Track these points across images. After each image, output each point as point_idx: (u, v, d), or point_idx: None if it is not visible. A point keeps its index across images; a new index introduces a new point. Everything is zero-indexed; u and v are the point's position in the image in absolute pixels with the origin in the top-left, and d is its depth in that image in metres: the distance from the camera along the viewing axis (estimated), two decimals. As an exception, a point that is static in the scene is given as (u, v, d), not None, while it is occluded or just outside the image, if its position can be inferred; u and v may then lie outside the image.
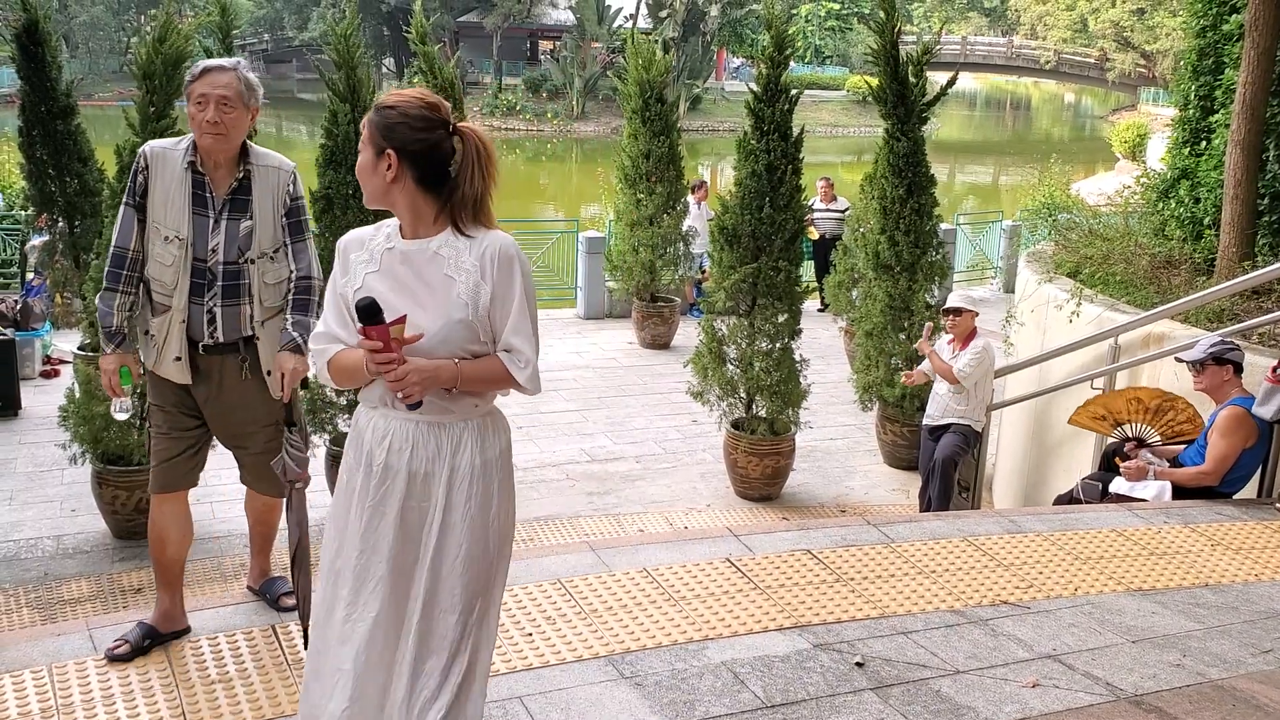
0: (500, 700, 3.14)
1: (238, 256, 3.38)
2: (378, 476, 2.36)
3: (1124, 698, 3.33)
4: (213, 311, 3.39)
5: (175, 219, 3.34)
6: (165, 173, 3.34)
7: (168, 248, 3.35)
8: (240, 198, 3.38)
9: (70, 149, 8.99)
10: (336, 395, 6.72)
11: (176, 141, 3.40)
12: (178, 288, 3.37)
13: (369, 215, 6.61)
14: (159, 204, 3.34)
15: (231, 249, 3.38)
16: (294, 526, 3.37)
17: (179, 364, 3.41)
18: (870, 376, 8.13)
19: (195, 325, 3.39)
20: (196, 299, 3.38)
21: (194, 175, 3.35)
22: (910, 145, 7.85)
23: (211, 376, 3.46)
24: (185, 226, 3.33)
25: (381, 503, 2.37)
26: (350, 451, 2.44)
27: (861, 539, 4.49)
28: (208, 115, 3.25)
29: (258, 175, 3.41)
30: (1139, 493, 5.27)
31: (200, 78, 3.29)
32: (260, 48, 64.54)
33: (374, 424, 2.40)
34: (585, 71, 45.67)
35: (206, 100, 3.26)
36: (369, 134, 2.35)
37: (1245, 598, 4.14)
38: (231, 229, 3.37)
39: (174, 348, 3.40)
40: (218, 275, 3.37)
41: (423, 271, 2.36)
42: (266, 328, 3.45)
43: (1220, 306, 6.14)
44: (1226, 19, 7.21)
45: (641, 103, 11.30)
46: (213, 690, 3.15)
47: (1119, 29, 49.14)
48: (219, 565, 6.24)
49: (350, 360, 2.36)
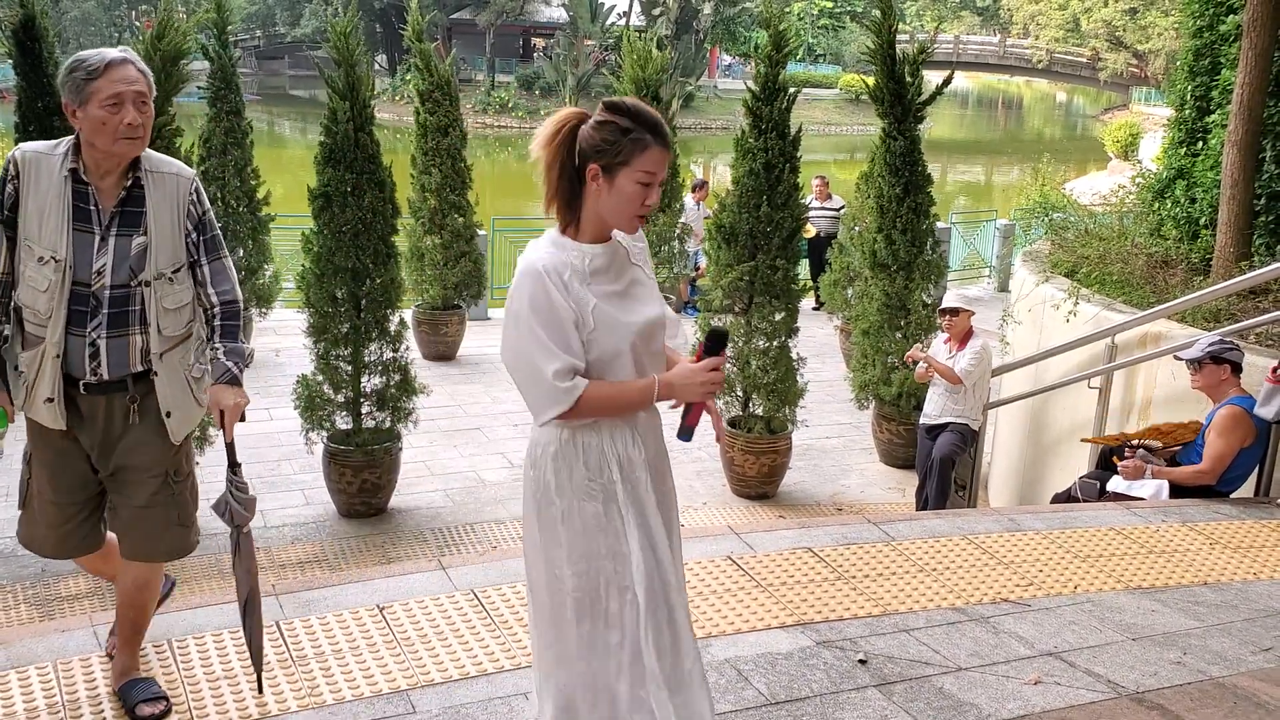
0: (505, 696, 3.14)
1: (129, 278, 2.86)
2: (630, 486, 2.43)
3: (1125, 695, 3.35)
4: (96, 344, 2.86)
5: (51, 236, 2.81)
6: (40, 182, 2.83)
7: (42, 270, 2.81)
8: (131, 210, 2.86)
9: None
10: (334, 392, 6.72)
11: (54, 145, 2.88)
12: (53, 317, 2.83)
13: (368, 213, 6.63)
14: (32, 219, 2.82)
15: (122, 270, 2.85)
16: (244, 575, 3.00)
17: (50, 406, 2.87)
18: (867, 375, 8.15)
19: (75, 360, 2.86)
20: (76, 329, 2.85)
21: (75, 185, 2.83)
22: (907, 144, 7.87)
23: (95, 420, 2.93)
24: (63, 245, 2.80)
25: (643, 507, 2.44)
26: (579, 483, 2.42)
27: (862, 537, 4.50)
28: (126, 117, 2.75)
29: (153, 184, 2.89)
30: (1136, 491, 5.29)
31: (104, 73, 2.76)
32: (252, 44, 64.34)
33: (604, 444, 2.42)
34: (578, 69, 45.62)
35: (121, 100, 2.75)
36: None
37: (1244, 596, 4.17)
38: (122, 246, 2.85)
39: (45, 387, 2.86)
40: (103, 301, 2.84)
41: (624, 270, 2.46)
42: (166, 361, 2.95)
43: (1217, 306, 6.17)
44: (1223, 20, 7.24)
45: (637, 101, 11.29)
46: (218, 686, 3.15)
47: (1111, 28, 49.25)
48: (218, 562, 6.23)
49: (620, 394, 2.36)
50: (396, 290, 6.82)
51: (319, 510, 6.95)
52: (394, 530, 6.77)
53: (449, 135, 10.28)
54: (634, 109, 2.35)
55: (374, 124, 6.73)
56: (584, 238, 2.40)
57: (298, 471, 7.45)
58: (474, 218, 10.59)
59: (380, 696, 3.13)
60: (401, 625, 3.53)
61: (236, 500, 2.97)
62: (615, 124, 2.33)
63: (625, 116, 2.34)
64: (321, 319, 6.66)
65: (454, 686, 3.19)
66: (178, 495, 3.05)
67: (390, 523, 6.88)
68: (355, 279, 6.62)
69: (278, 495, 7.16)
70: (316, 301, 6.63)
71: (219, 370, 2.97)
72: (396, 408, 6.84)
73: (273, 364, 9.94)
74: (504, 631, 3.52)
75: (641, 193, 2.34)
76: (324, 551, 6.45)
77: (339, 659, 3.32)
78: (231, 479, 2.98)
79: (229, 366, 2.97)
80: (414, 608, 3.65)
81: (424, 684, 3.20)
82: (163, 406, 2.96)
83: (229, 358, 2.98)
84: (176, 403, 2.98)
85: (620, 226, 2.41)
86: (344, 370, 6.72)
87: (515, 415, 8.98)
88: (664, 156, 2.35)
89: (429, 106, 10.30)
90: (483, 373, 10.23)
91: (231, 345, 3.00)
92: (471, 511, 7.10)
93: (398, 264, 6.87)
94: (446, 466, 7.82)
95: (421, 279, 10.42)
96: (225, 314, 3.02)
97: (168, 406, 2.96)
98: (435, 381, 9.14)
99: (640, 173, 2.32)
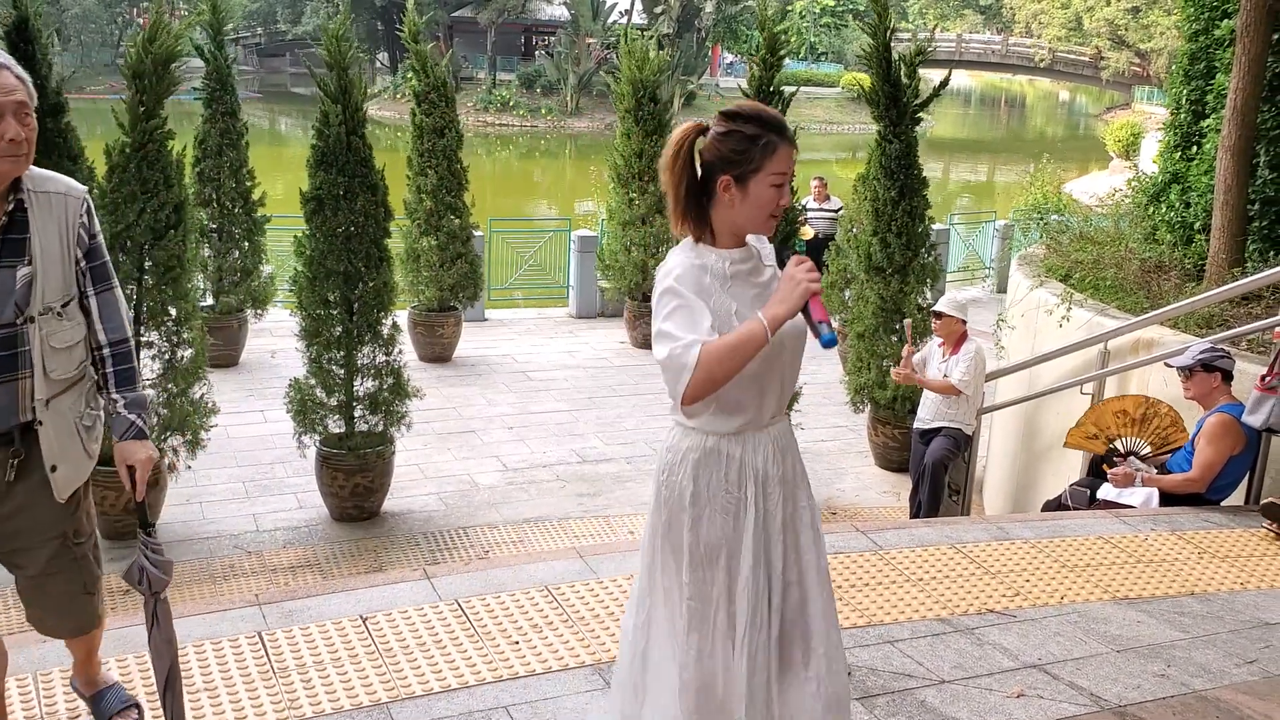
0: (485, 710, 3.14)
1: (15, 316, 2.48)
2: (760, 503, 2.45)
3: (1108, 708, 3.34)
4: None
5: None
6: None
7: None
8: (14, 238, 2.49)
9: (60, 147, 8.85)
10: (326, 396, 6.72)
11: None
12: None
13: (360, 217, 6.62)
14: None
15: (6, 307, 2.47)
16: (162, 645, 2.71)
17: None
18: (862, 378, 8.14)
19: None
20: None
21: None
22: (902, 147, 7.85)
23: None
24: None
25: (769, 526, 2.46)
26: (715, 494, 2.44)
27: (850, 546, 4.50)
28: (7, 132, 2.39)
29: (36, 205, 2.53)
30: (1126, 499, 5.28)
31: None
32: (254, 41, 64.42)
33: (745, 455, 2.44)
34: (579, 67, 45.60)
35: (1, 112, 2.39)
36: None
37: (1230, 607, 4.15)
38: (5, 280, 2.47)
39: None
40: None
41: (760, 271, 2.46)
42: (54, 408, 2.58)
43: (1210, 312, 6.15)
44: (1218, 24, 7.22)
45: (634, 102, 11.30)
46: (198, 699, 3.15)
47: (1113, 27, 49.17)
48: (208, 566, 6.24)
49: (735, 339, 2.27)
50: (389, 294, 6.82)
51: (311, 514, 6.95)
52: (386, 534, 6.78)
53: (445, 136, 10.27)
54: (756, 114, 2.37)
55: (366, 126, 6.72)
56: (720, 245, 2.42)
57: (291, 475, 7.45)
58: (470, 219, 10.59)
59: (360, 709, 3.12)
60: (384, 636, 3.53)
61: (153, 564, 2.67)
62: (741, 133, 2.34)
63: (750, 123, 2.35)
64: (314, 322, 6.66)
65: (433, 699, 3.18)
66: (79, 559, 2.72)
67: (383, 526, 6.88)
68: (348, 282, 6.62)
69: (270, 499, 7.16)
70: (309, 305, 6.63)
71: (122, 425, 2.66)
72: (389, 411, 6.84)
73: (268, 366, 9.95)
74: (486, 643, 3.51)
75: (776, 195, 2.36)
76: (315, 556, 6.45)
77: (320, 670, 3.31)
78: (146, 541, 2.69)
79: (133, 420, 2.67)
80: (397, 618, 3.64)
81: (404, 696, 3.19)
82: (47, 460, 2.58)
83: (131, 410, 2.67)
84: (64, 455, 2.61)
85: (755, 230, 2.42)
86: (336, 373, 6.72)
87: (510, 418, 8.99)
88: (791, 153, 2.37)
89: (425, 108, 10.30)
90: (478, 375, 10.23)
91: (132, 395, 2.68)
92: (465, 515, 7.10)
93: (390, 267, 6.86)
94: (440, 470, 7.82)
95: (417, 280, 10.42)
96: (117, 356, 2.68)
97: (53, 460, 2.59)
98: (430, 384, 9.16)
99: (772, 175, 2.34)
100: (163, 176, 6.22)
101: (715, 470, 2.43)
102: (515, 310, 13.38)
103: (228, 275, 9.80)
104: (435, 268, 10.35)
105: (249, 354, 10.24)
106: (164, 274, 6.25)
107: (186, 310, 6.41)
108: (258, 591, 4.81)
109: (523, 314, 13.16)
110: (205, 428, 6.49)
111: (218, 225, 9.72)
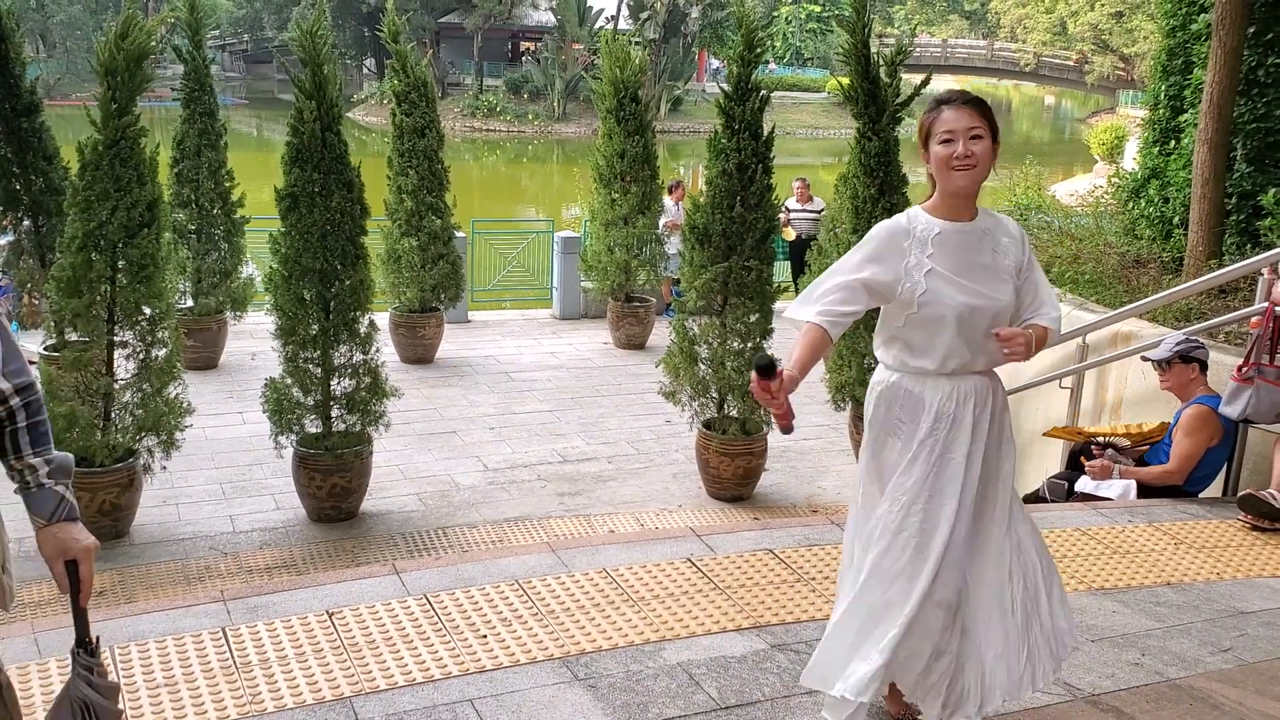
0: (450, 703, 3.09)
1: None
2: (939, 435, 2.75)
3: (1081, 698, 3.31)
4: None
5: None
6: None
7: None
8: None
9: (35, 146, 8.89)
10: (303, 395, 6.66)
11: None
12: None
13: (336, 214, 6.57)
14: None
15: None
16: None
17: None
18: (843, 376, 8.11)
19: None
20: None
21: None
22: (882, 145, 7.83)
23: None
24: None
25: (949, 449, 2.75)
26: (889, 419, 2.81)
27: (825, 538, 4.46)
28: None
29: None
30: (1104, 491, 5.26)
31: None
32: (240, 48, 64.27)
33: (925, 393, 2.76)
34: (566, 73, 45.59)
35: None
36: (988, 124, 2.67)
37: (1206, 596, 4.13)
38: None
39: None
40: None
41: (975, 252, 2.73)
42: None
43: (1187, 305, 6.15)
44: (1195, 19, 7.23)
45: (616, 102, 11.27)
46: (157, 695, 3.09)
47: (1097, 32, 49.41)
48: (183, 567, 6.17)
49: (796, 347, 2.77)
50: (366, 292, 6.76)
51: (289, 515, 6.89)
52: (364, 535, 6.72)
53: (425, 136, 10.22)
54: (937, 96, 2.78)
55: (341, 123, 6.68)
56: (936, 212, 2.74)
57: (269, 476, 7.38)
58: (452, 219, 10.54)
59: (322, 704, 3.07)
60: (350, 630, 3.48)
61: (95, 689, 2.05)
62: (926, 111, 2.75)
63: (931, 103, 2.75)
64: (289, 321, 6.60)
65: (398, 693, 3.14)
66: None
67: (361, 527, 6.82)
68: (323, 280, 6.56)
69: (248, 500, 7.09)
70: (284, 303, 6.57)
71: (48, 502, 2.00)
72: (366, 411, 6.78)
73: (248, 368, 9.87)
74: (454, 637, 3.47)
75: (947, 150, 2.66)
76: (292, 556, 6.39)
77: (283, 665, 3.26)
78: (85, 662, 2.06)
79: (63, 495, 2.02)
80: (364, 613, 3.60)
81: (368, 690, 3.14)
82: None
83: (56, 479, 2.02)
84: None
85: (944, 183, 2.70)
86: (313, 373, 6.66)
87: (491, 419, 8.94)
88: (957, 115, 2.66)
89: (405, 108, 10.25)
90: (460, 376, 10.17)
91: (56, 460, 2.04)
92: (444, 516, 7.05)
93: (367, 265, 6.80)
94: (420, 470, 7.76)
95: (399, 281, 10.36)
96: (32, 408, 2.03)
97: None
98: (411, 385, 9.10)
99: (940, 134, 2.67)
100: (136, 174, 6.15)
101: (893, 401, 2.81)
102: (499, 312, 13.33)
103: (207, 277, 9.73)
104: (416, 268, 10.30)
105: (228, 356, 10.17)
106: (137, 273, 6.18)
107: (161, 309, 6.34)
108: (224, 588, 4.75)
109: (506, 315, 13.11)
110: (180, 428, 6.43)
111: (196, 226, 9.64)
